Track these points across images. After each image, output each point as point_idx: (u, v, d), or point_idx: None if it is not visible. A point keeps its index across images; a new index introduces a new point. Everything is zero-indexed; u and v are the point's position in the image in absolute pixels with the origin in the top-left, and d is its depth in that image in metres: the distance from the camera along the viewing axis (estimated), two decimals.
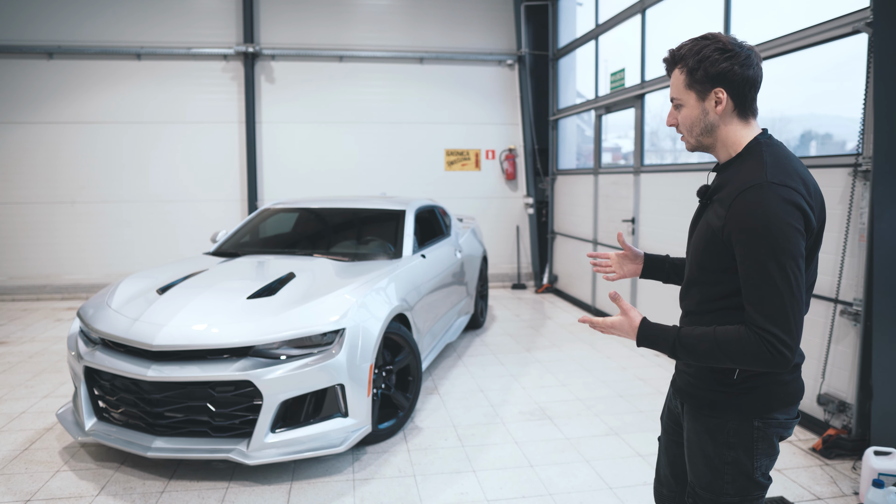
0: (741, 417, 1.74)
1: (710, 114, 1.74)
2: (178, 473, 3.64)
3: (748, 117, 1.76)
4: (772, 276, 1.57)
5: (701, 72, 1.71)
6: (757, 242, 1.58)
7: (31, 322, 7.47)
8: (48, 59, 8.60)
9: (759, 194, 1.59)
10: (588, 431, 4.23)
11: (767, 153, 1.69)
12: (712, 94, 1.72)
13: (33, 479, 3.58)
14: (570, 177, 8.67)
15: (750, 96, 1.73)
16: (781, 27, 4.55)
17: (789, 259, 1.56)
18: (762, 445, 1.75)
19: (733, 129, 1.75)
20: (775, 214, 1.56)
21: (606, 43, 7.60)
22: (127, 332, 3.57)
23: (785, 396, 1.75)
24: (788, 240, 1.56)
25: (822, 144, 5.06)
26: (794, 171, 1.65)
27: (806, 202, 1.61)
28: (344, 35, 9.15)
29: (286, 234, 5.64)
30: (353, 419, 3.62)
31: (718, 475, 1.78)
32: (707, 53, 1.70)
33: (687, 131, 1.81)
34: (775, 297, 1.57)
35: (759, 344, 1.58)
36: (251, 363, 3.42)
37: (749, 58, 1.70)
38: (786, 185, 1.59)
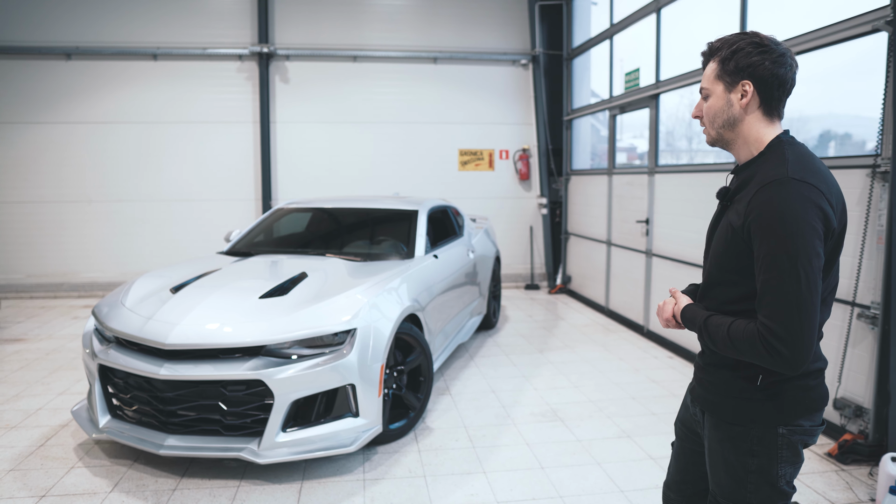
0: (765, 425, 1.71)
1: (734, 106, 1.73)
2: (190, 471, 3.66)
3: (773, 117, 1.74)
4: (782, 272, 1.54)
5: (732, 63, 1.71)
6: (772, 238, 1.56)
7: (48, 319, 7.56)
8: (66, 60, 8.71)
9: (780, 190, 1.57)
10: (600, 433, 4.20)
11: (790, 151, 1.67)
12: (739, 86, 1.71)
13: (48, 476, 3.62)
14: (585, 177, 8.63)
15: (777, 95, 1.72)
16: (799, 26, 4.49)
17: (803, 257, 1.53)
18: (786, 453, 1.72)
19: (756, 126, 1.73)
20: (794, 211, 1.54)
21: (621, 42, 7.55)
22: (140, 330, 3.60)
23: (809, 403, 1.71)
24: (804, 238, 1.53)
25: (841, 144, 4.98)
26: (817, 170, 1.63)
27: (828, 202, 1.58)
28: (358, 35, 9.17)
29: (299, 234, 5.66)
30: (363, 419, 3.62)
31: (741, 484, 1.75)
32: (741, 46, 1.70)
33: (709, 122, 1.80)
34: (781, 293, 1.55)
35: (758, 339, 1.58)
36: (263, 362, 3.43)
37: (783, 56, 1.69)
38: (807, 183, 1.57)
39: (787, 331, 1.54)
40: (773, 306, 1.56)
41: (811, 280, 1.54)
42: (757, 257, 1.61)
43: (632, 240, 7.03)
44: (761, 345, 1.57)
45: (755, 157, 1.73)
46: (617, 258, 7.49)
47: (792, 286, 1.54)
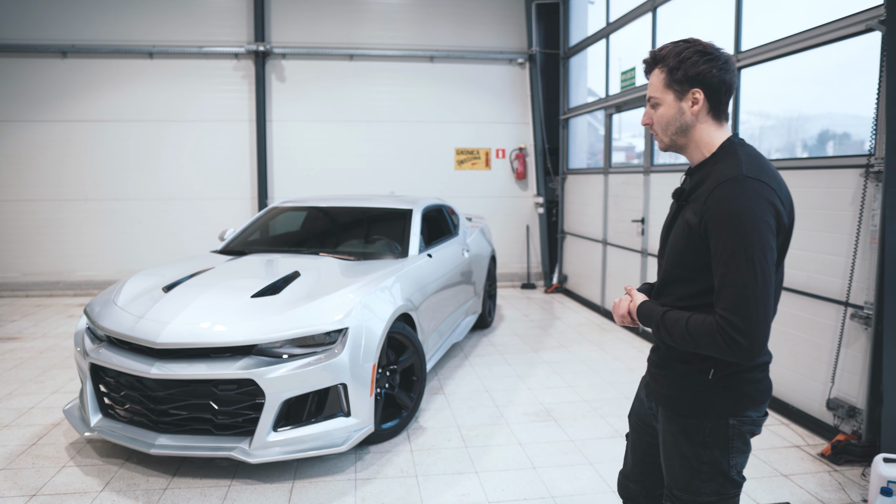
0: (717, 417, 1.78)
1: (686, 113, 1.79)
2: (182, 471, 3.65)
3: (721, 120, 1.82)
4: (739, 266, 1.60)
5: (681, 72, 1.76)
6: (729, 233, 1.62)
7: (43, 318, 7.54)
8: (62, 58, 8.69)
9: (736, 187, 1.63)
10: (593, 433, 4.20)
11: (742, 151, 1.74)
12: (690, 94, 1.77)
13: (39, 475, 3.61)
14: (581, 176, 8.62)
15: (724, 100, 1.80)
16: (793, 25, 4.48)
17: (759, 252, 1.60)
18: (737, 443, 1.79)
19: (708, 131, 1.80)
20: (748, 207, 1.61)
21: (617, 41, 7.54)
22: (132, 329, 3.59)
23: (756, 395, 1.79)
24: (759, 233, 1.60)
25: (839, 144, 4.98)
26: (768, 169, 1.71)
27: (779, 199, 1.66)
28: (355, 34, 9.16)
29: (293, 233, 5.65)
30: (355, 419, 3.61)
31: (696, 475, 1.81)
32: (688, 55, 1.75)
33: (662, 130, 1.85)
34: (738, 285, 1.60)
35: (717, 330, 1.63)
36: (254, 362, 3.42)
37: (727, 62, 1.77)
38: (760, 181, 1.65)
39: (744, 322, 1.59)
40: (732, 299, 1.61)
41: (766, 273, 1.60)
42: (714, 253, 1.66)
43: (627, 239, 7.02)
44: (720, 336, 1.62)
45: (708, 159, 1.80)
46: (613, 258, 7.48)
47: (748, 280, 1.59)
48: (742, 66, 5.01)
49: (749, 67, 4.99)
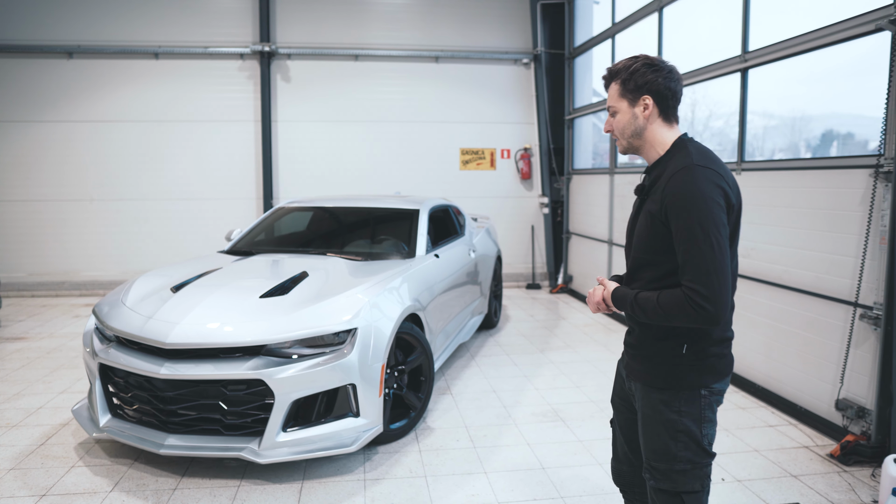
0: (690, 388, 1.97)
1: (639, 118, 2.02)
2: (191, 471, 3.66)
3: (671, 122, 2.05)
4: (698, 240, 1.81)
5: (632, 82, 2.01)
6: (686, 214, 1.83)
7: (49, 318, 7.56)
8: (68, 59, 8.71)
9: (688, 174, 1.86)
10: (601, 434, 4.19)
11: (691, 146, 1.98)
12: (640, 100, 2.01)
13: (48, 475, 3.62)
14: (586, 176, 8.61)
15: (672, 104, 2.03)
16: (802, 25, 4.47)
17: (713, 227, 1.81)
18: (708, 413, 1.99)
19: (659, 132, 2.03)
20: (701, 190, 1.83)
21: (623, 42, 7.53)
22: (141, 329, 3.59)
23: (722, 368, 2.00)
24: (711, 211, 1.82)
25: (843, 144, 4.98)
26: (715, 159, 1.95)
27: (726, 183, 1.89)
28: (359, 34, 9.16)
29: (300, 233, 5.66)
30: (364, 419, 3.61)
31: (672, 443, 1.98)
32: (636, 67, 2.01)
33: (620, 134, 2.08)
34: (699, 258, 1.81)
35: (685, 300, 1.82)
36: (263, 362, 3.42)
37: (671, 72, 2.01)
38: (709, 168, 1.88)
39: (708, 289, 1.79)
40: (695, 271, 1.82)
41: (721, 246, 1.81)
42: (675, 233, 1.87)
43: None
44: (689, 305, 1.82)
45: (662, 156, 2.02)
46: (619, 258, 7.47)
47: (707, 252, 1.80)
48: (749, 67, 5.00)
49: (756, 68, 4.98)
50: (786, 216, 4.57)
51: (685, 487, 1.99)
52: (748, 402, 4.78)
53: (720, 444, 4.00)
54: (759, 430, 4.24)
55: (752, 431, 4.23)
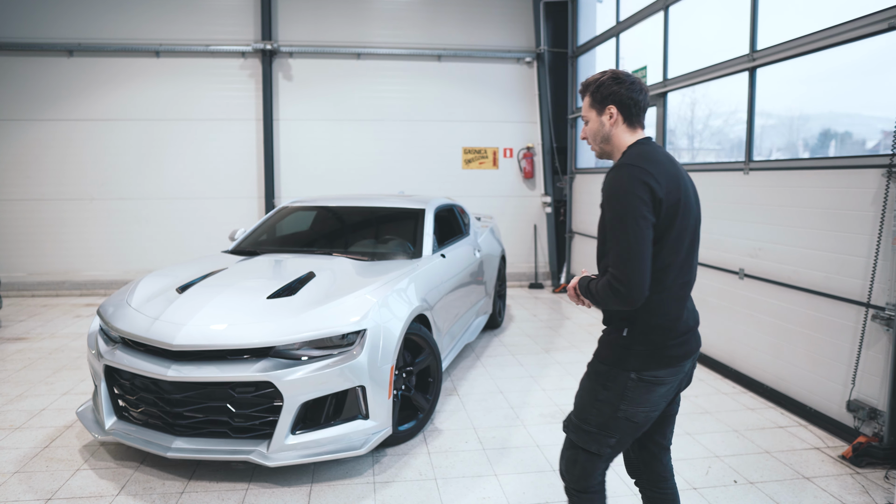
0: (620, 369, 2.17)
1: (605, 125, 2.26)
2: (198, 474, 3.62)
3: (635, 127, 2.26)
4: (616, 231, 2.03)
5: (599, 94, 2.25)
6: (611, 207, 2.06)
7: (50, 318, 7.51)
8: (68, 57, 8.65)
9: (615, 172, 2.10)
10: None
11: (635, 149, 2.19)
12: (606, 110, 2.25)
13: (54, 478, 3.58)
14: (590, 175, 8.58)
15: (634, 112, 2.24)
16: (810, 24, 4.44)
17: (630, 219, 2.00)
18: (632, 394, 2.16)
19: (622, 137, 2.26)
20: (622, 185, 2.04)
21: (627, 40, 7.50)
22: (147, 331, 3.55)
23: (665, 360, 2.16)
24: (631, 204, 2.01)
25: (841, 143, 4.96)
26: (651, 159, 2.12)
27: (653, 178, 2.05)
28: (362, 32, 9.12)
29: (305, 233, 5.61)
30: (373, 421, 3.57)
31: (589, 407, 2.24)
32: (603, 81, 2.25)
33: (592, 139, 2.33)
34: (617, 246, 2.02)
35: (607, 284, 2.05)
36: (272, 364, 3.39)
37: (634, 84, 2.24)
38: (635, 166, 2.08)
39: (623, 273, 2.00)
40: (614, 258, 2.04)
41: (639, 236, 2.00)
42: (606, 224, 2.10)
43: None
44: (609, 288, 2.04)
45: (620, 158, 2.22)
46: None
47: (623, 241, 2.01)
48: (758, 66, 4.97)
49: (765, 67, 4.95)
50: (794, 216, 4.54)
51: (585, 446, 2.26)
52: (756, 402, 4.76)
53: (730, 446, 3.98)
54: (768, 432, 4.21)
55: (762, 433, 4.20)
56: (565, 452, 2.36)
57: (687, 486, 3.48)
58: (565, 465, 2.36)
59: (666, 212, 2.08)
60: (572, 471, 2.32)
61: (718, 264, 5.46)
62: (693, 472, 3.65)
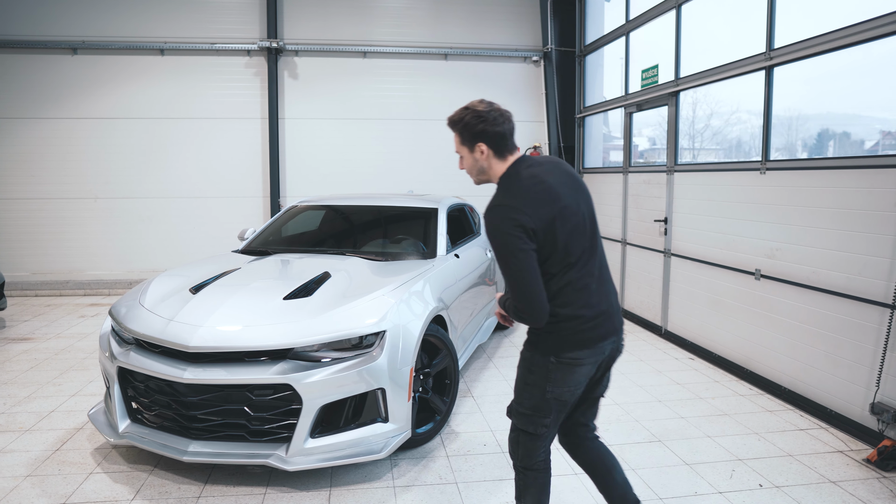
0: (542, 354, 2.40)
1: (479, 160, 2.44)
2: (214, 478, 3.55)
3: (505, 155, 2.44)
4: (504, 267, 2.27)
5: (467, 134, 2.43)
6: (493, 246, 2.29)
7: (54, 318, 7.43)
8: (72, 55, 8.57)
9: (488, 216, 2.30)
10: (630, 438, 4.11)
11: (505, 182, 2.39)
12: (476, 147, 2.43)
13: (67, 482, 3.51)
14: (598, 175, 8.53)
15: (501, 143, 2.42)
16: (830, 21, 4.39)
17: (511, 255, 2.23)
18: (556, 376, 2.39)
19: (496, 166, 2.44)
20: (496, 227, 2.26)
21: (637, 39, 7.44)
22: (162, 332, 3.49)
23: (578, 342, 2.37)
24: (508, 242, 2.22)
25: (839, 143, 4.97)
26: (515, 191, 2.31)
27: (520, 213, 2.23)
28: (368, 31, 9.05)
29: (316, 233, 5.55)
30: (393, 424, 3.51)
31: (522, 391, 2.48)
32: (468, 120, 2.42)
33: (470, 173, 2.51)
34: (510, 280, 2.26)
35: (513, 309, 2.32)
36: (290, 366, 3.32)
37: (496, 117, 2.42)
38: (502, 206, 2.27)
39: (521, 301, 2.26)
40: (510, 289, 2.29)
41: (523, 266, 2.22)
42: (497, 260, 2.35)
43: (649, 239, 6.93)
44: (515, 312, 2.31)
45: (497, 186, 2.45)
46: (632, 258, 7.39)
47: (512, 274, 2.24)
48: (775, 65, 4.92)
49: (782, 66, 4.89)
50: (814, 216, 4.49)
51: (525, 427, 2.49)
52: (775, 404, 4.71)
53: (752, 449, 3.93)
54: (789, 434, 4.16)
55: (783, 435, 4.15)
56: (510, 435, 2.58)
57: (712, 490, 3.43)
58: (511, 447, 2.58)
59: (544, 235, 2.27)
60: (517, 451, 2.55)
61: (733, 265, 5.41)
62: (717, 476, 3.59)
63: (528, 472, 2.57)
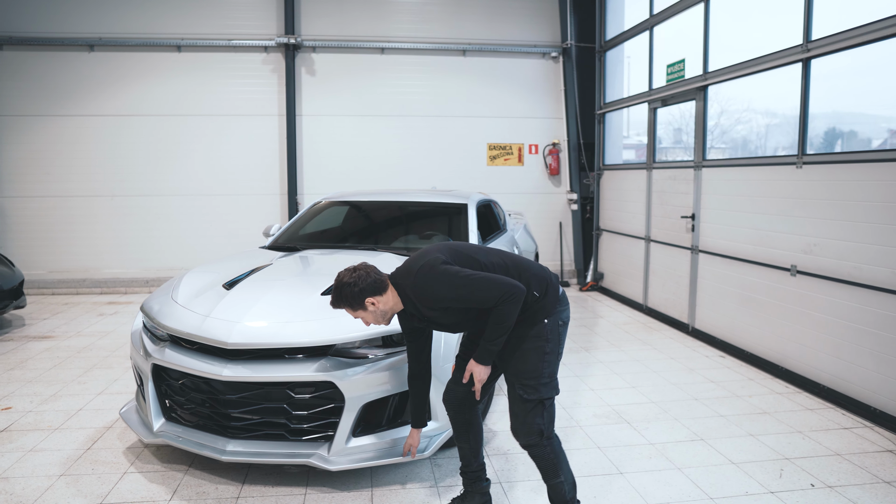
0: (549, 318, 2.76)
1: (377, 311, 2.74)
2: (251, 477, 3.48)
3: (386, 289, 2.75)
4: (467, 290, 2.64)
5: (355, 301, 2.71)
6: (445, 291, 2.66)
7: (73, 316, 7.38)
8: (89, 52, 8.52)
9: (421, 281, 2.68)
10: (671, 436, 4.02)
11: (402, 282, 2.75)
12: (367, 304, 2.72)
13: (102, 481, 3.44)
14: (619, 172, 8.43)
15: (378, 285, 2.72)
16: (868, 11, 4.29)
17: (458, 278, 2.65)
18: (561, 335, 2.81)
19: (391, 299, 2.76)
20: (433, 272, 2.68)
21: (661, 34, 7.35)
22: (198, 329, 3.40)
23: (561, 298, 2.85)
24: (448, 271, 2.67)
25: (847, 141, 4.94)
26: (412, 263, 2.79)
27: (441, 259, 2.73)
28: (385, 26, 8.98)
29: (343, 229, 5.47)
30: (435, 422, 3.43)
31: (541, 364, 2.73)
32: (345, 294, 2.70)
33: (379, 322, 2.79)
34: (478, 292, 2.62)
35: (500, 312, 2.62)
36: (332, 363, 3.24)
37: (363, 274, 2.70)
38: (426, 264, 2.72)
39: (501, 293, 2.59)
40: (486, 297, 2.60)
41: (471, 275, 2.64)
42: (456, 304, 2.68)
43: (675, 236, 6.84)
44: (504, 310, 2.60)
45: (404, 301, 2.76)
46: (657, 255, 7.30)
47: (475, 286, 2.62)
48: (812, 57, 4.82)
49: (820, 58, 4.80)
50: (855, 210, 4.40)
51: (549, 395, 2.74)
52: (814, 402, 4.61)
53: (797, 448, 3.84)
54: (834, 433, 4.07)
55: (828, 434, 4.05)
56: (528, 417, 2.72)
57: (762, 490, 3.34)
58: (534, 425, 2.72)
59: (463, 254, 2.80)
60: (541, 424, 2.73)
61: (766, 261, 5.32)
62: (766, 475, 3.50)
63: (552, 441, 2.78)
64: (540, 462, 2.82)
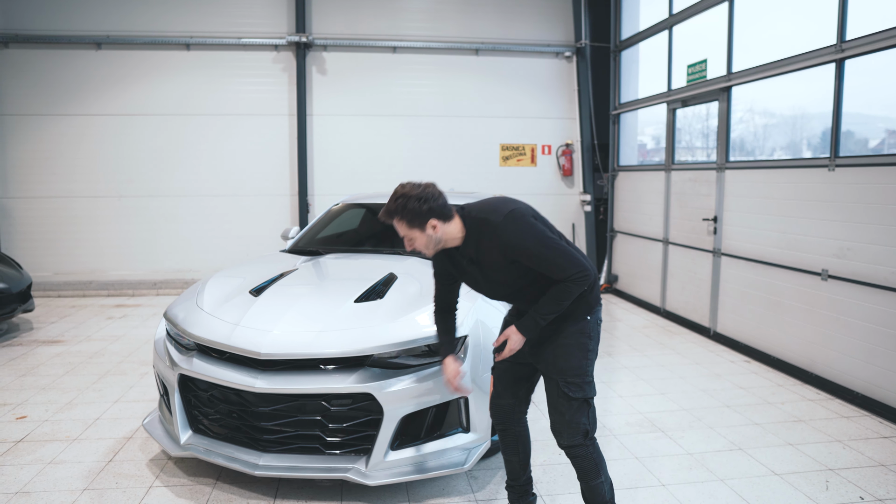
0: (591, 317, 2.69)
1: (433, 235, 2.55)
2: (282, 492, 3.36)
3: (451, 217, 2.57)
4: (546, 253, 2.50)
5: (415, 218, 2.50)
6: (525, 245, 2.48)
7: (82, 319, 7.24)
8: (96, 50, 8.38)
9: (505, 225, 2.48)
10: (709, 446, 3.92)
11: (475, 215, 2.59)
12: (428, 225, 2.52)
13: (127, 496, 3.32)
14: (635, 173, 8.33)
15: (445, 211, 2.54)
16: None
17: (546, 239, 2.52)
18: (599, 330, 2.77)
19: (450, 229, 2.58)
20: (521, 225, 2.51)
21: (681, 34, 7.24)
22: (229, 338, 3.28)
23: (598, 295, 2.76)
24: (537, 229, 2.53)
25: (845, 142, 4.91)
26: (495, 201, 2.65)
27: (527, 210, 2.62)
28: (397, 25, 8.86)
29: (363, 231, 5.34)
30: (474, 434, 3.32)
31: (584, 361, 2.67)
32: (411, 206, 2.49)
33: (425, 248, 2.60)
34: (557, 258, 2.50)
35: (563, 287, 2.53)
36: (370, 374, 3.13)
37: (430, 191, 2.53)
38: (513, 209, 2.55)
39: (577, 267, 2.53)
40: (560, 268, 2.50)
41: (559, 243, 2.54)
42: (530, 260, 2.50)
43: (695, 238, 6.74)
44: (568, 288, 2.53)
45: (465, 237, 2.60)
46: (675, 257, 7.20)
47: (556, 253, 2.49)
48: (846, 57, 4.73)
49: (854, 59, 4.70)
50: (891, 214, 4.30)
51: (594, 393, 2.69)
52: (849, 410, 4.52)
53: (840, 458, 3.74)
54: (874, 442, 3.98)
55: (868, 443, 3.96)
56: (574, 417, 2.66)
57: (809, 502, 3.24)
58: (580, 425, 2.66)
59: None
60: (586, 424, 2.67)
61: (795, 265, 5.22)
62: (812, 487, 3.41)
63: (593, 441, 2.73)
64: (581, 462, 2.75)
